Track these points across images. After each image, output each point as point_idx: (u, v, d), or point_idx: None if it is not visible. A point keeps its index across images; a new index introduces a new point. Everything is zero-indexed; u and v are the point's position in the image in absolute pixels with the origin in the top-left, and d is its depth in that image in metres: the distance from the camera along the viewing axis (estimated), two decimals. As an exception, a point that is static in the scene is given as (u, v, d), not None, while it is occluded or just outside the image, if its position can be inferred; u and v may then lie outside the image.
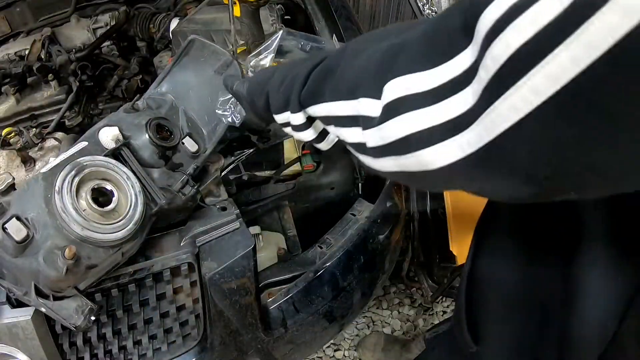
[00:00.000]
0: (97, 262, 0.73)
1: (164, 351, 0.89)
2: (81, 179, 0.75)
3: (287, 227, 1.18)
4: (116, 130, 0.85)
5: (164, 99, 0.98)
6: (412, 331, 1.72)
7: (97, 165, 0.78)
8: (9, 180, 0.99)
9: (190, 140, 0.92)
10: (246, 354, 0.98)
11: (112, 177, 0.79)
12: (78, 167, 0.75)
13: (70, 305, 0.73)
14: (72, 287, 0.74)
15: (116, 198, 0.77)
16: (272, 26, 1.20)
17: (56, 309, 0.73)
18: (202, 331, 0.91)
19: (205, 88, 0.96)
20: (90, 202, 0.75)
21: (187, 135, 0.93)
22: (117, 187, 0.79)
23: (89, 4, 1.54)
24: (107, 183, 0.78)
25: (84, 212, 0.73)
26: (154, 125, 0.89)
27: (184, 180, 0.89)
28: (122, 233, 0.75)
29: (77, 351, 0.84)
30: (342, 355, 1.65)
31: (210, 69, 0.95)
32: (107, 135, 0.85)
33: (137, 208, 0.78)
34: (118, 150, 0.83)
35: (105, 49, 1.48)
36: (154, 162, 0.89)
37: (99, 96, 1.40)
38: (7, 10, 1.52)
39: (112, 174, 0.79)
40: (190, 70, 0.99)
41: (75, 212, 0.71)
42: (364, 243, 1.11)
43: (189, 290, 0.89)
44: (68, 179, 0.73)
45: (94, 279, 0.77)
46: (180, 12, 1.42)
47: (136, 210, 0.78)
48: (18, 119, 1.25)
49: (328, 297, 1.04)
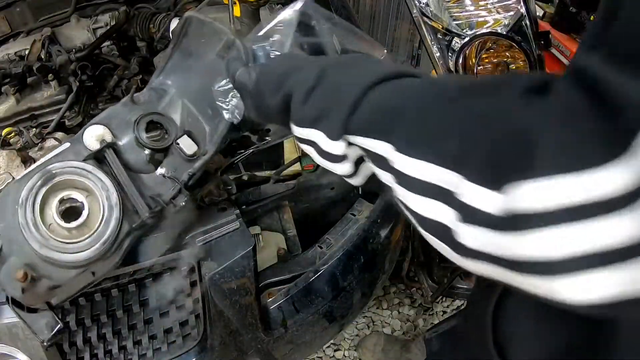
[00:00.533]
0: (59, 283, 0.67)
1: (164, 351, 0.89)
2: (50, 188, 0.68)
3: (287, 227, 1.18)
4: (101, 130, 0.74)
5: (164, 89, 0.84)
6: (412, 331, 1.72)
7: (69, 172, 0.69)
8: (9, 181, 1.00)
9: (188, 140, 0.78)
10: (246, 354, 0.98)
11: (86, 186, 0.69)
12: (46, 176, 0.68)
13: (41, 320, 0.71)
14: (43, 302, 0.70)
15: (86, 212, 0.68)
16: (272, 26, 1.20)
17: (29, 321, 0.71)
18: (202, 331, 0.91)
19: (208, 75, 0.79)
20: (55, 216, 0.67)
21: (185, 133, 0.79)
22: (91, 198, 0.70)
23: (89, 4, 1.54)
24: (79, 193, 0.69)
25: (50, 226, 0.66)
26: (144, 123, 0.77)
27: (176, 189, 0.76)
28: (87, 253, 0.66)
29: (77, 351, 0.84)
30: (342, 355, 1.65)
31: (212, 51, 0.80)
32: (91, 135, 0.73)
33: (110, 224, 0.68)
34: (101, 152, 0.73)
35: (105, 49, 1.47)
36: (142, 167, 0.77)
37: (99, 96, 1.40)
38: (7, 10, 1.51)
39: (85, 183, 0.69)
40: (190, 54, 0.84)
41: (34, 228, 0.64)
42: (364, 243, 1.11)
43: (189, 290, 0.89)
44: (34, 189, 0.66)
45: (65, 296, 0.72)
46: (180, 12, 1.42)
47: (107, 226, 0.68)
48: (18, 119, 1.25)
49: (328, 297, 1.04)
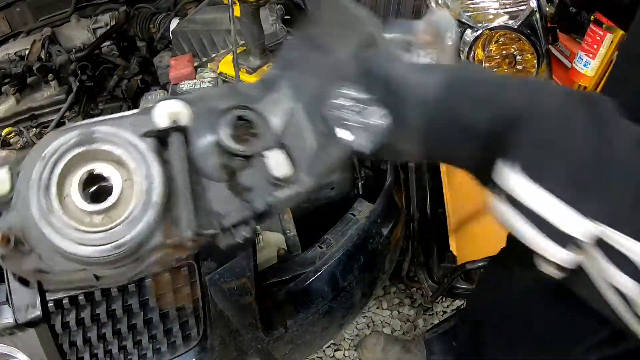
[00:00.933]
0: (49, 270, 0.54)
1: (164, 351, 0.89)
2: (83, 153, 0.54)
3: (287, 227, 1.18)
4: (179, 106, 0.55)
5: (276, 83, 0.62)
6: (412, 331, 1.72)
7: (114, 143, 0.53)
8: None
9: (281, 156, 0.56)
10: (246, 354, 0.98)
11: (128, 167, 0.53)
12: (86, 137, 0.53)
13: (25, 297, 0.65)
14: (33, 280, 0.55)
15: (113, 198, 0.52)
16: (272, 26, 1.20)
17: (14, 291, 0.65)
18: (202, 331, 0.91)
19: (334, 77, 0.57)
20: (76, 187, 0.53)
21: (280, 146, 0.56)
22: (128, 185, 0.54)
23: (89, 4, 1.55)
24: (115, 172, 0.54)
25: (65, 198, 0.52)
26: (233, 116, 0.57)
27: (243, 216, 0.55)
28: (92, 251, 0.50)
29: (77, 351, 0.84)
30: (342, 355, 1.65)
31: (349, 44, 0.57)
32: (165, 109, 0.55)
33: (136, 226, 0.51)
34: (166, 134, 0.55)
35: (105, 49, 1.48)
36: (210, 171, 0.56)
37: (99, 96, 1.41)
38: (7, 10, 1.52)
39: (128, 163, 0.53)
40: (317, 46, 0.62)
41: (43, 191, 0.51)
42: (364, 243, 1.11)
43: (189, 290, 0.89)
44: (64, 147, 0.53)
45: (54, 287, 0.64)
46: (180, 12, 1.42)
47: (132, 228, 0.51)
48: (18, 119, 1.25)
49: (328, 297, 1.04)
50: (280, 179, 0.55)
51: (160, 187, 0.52)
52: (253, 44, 1.07)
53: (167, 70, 1.26)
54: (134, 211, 0.51)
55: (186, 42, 1.24)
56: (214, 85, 1.15)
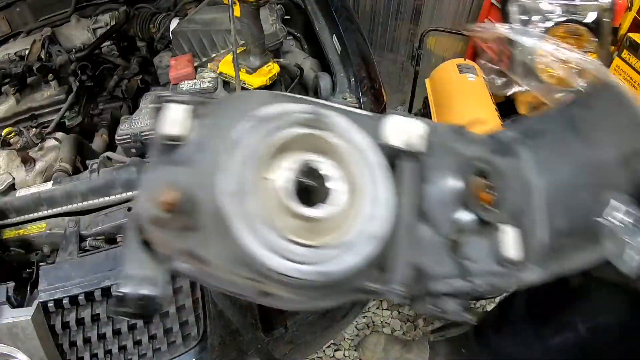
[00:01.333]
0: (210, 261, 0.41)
1: (164, 351, 0.89)
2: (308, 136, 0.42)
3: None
4: (420, 129, 0.47)
5: (511, 148, 0.54)
6: (412, 331, 1.72)
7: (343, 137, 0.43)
8: (9, 180, 1.00)
9: (518, 236, 0.48)
10: (246, 354, 0.98)
11: (352, 175, 0.42)
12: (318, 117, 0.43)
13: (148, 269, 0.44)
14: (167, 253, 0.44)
15: (335, 209, 0.40)
16: (272, 26, 1.20)
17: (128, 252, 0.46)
18: (202, 331, 0.91)
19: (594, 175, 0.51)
20: (285, 174, 0.40)
21: (516, 224, 0.49)
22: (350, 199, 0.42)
23: (89, 4, 1.55)
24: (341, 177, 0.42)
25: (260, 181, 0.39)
26: (475, 168, 0.49)
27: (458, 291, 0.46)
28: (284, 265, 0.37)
29: (77, 351, 0.84)
30: (342, 355, 1.65)
31: (618, 145, 0.51)
32: (401, 128, 0.46)
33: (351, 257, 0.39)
34: (395, 154, 0.46)
35: (105, 49, 1.48)
36: (441, 223, 0.48)
37: (99, 96, 1.41)
38: (7, 10, 1.52)
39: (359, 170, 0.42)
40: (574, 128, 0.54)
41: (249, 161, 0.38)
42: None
43: (189, 291, 0.89)
44: (288, 118, 0.42)
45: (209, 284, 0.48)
46: (180, 12, 1.42)
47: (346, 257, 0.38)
48: (18, 119, 1.26)
49: (328, 297, 1.04)
50: (511, 261, 0.46)
51: (391, 219, 0.41)
52: (253, 44, 1.07)
53: (167, 70, 1.26)
54: (356, 238, 0.39)
55: (186, 42, 1.24)
56: (214, 85, 1.15)
